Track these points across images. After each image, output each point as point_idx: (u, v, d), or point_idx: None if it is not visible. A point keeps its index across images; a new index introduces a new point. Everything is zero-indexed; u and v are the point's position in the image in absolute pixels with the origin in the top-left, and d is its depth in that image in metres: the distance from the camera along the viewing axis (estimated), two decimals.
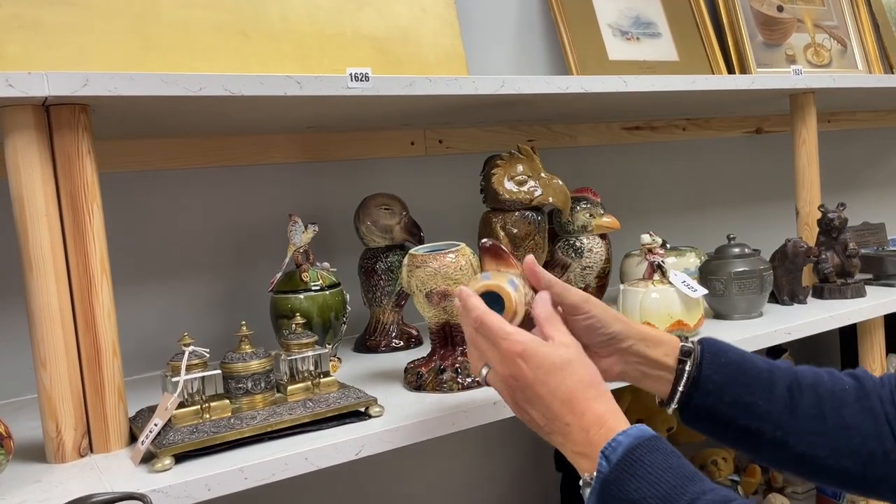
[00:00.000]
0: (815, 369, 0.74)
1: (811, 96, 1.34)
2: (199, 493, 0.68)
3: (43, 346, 0.73)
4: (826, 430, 0.70)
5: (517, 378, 0.64)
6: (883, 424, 0.69)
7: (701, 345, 0.74)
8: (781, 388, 0.71)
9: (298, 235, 1.02)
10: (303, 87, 0.82)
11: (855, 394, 0.71)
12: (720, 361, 0.72)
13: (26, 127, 0.72)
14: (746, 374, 0.72)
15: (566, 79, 1.02)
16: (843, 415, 0.70)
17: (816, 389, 0.71)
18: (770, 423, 0.70)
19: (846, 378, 0.73)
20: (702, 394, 0.72)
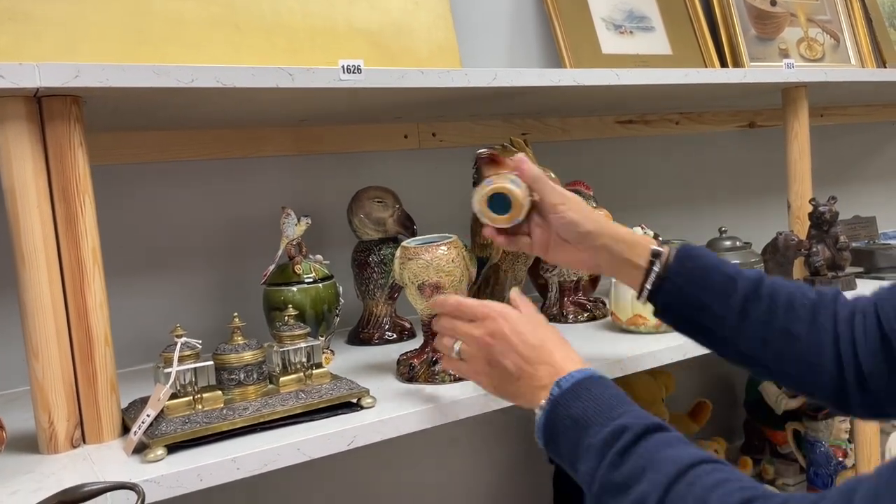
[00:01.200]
0: (784, 281, 0.79)
1: (803, 90, 1.34)
2: (191, 483, 0.68)
3: (35, 338, 0.74)
4: (771, 336, 0.75)
5: (494, 333, 0.74)
6: (829, 339, 0.73)
7: (676, 249, 0.80)
8: (739, 296, 0.76)
9: (291, 228, 1.02)
10: (295, 78, 0.82)
11: (811, 308, 0.75)
12: (686, 266, 0.79)
13: (18, 118, 0.72)
14: (708, 279, 0.78)
15: (559, 71, 1.02)
16: (790, 324, 0.75)
17: (773, 298, 0.76)
18: (721, 325, 0.77)
19: (810, 293, 0.77)
20: (664, 293, 0.79)
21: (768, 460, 1.60)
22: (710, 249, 1.18)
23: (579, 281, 1.21)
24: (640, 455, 0.60)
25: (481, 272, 1.06)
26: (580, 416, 0.65)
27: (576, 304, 1.20)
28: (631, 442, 0.61)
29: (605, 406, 0.65)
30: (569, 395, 0.67)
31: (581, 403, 0.66)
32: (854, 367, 0.72)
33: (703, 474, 0.57)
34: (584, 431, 0.65)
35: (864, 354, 0.71)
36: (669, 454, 0.59)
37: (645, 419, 0.63)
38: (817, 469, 1.50)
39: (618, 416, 0.64)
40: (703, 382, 1.70)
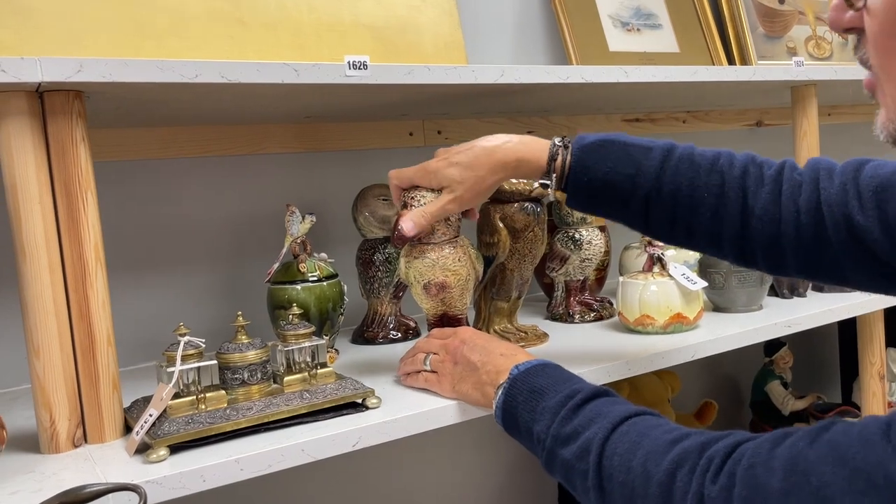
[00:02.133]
0: (694, 147, 0.83)
1: (813, 88, 1.33)
2: (194, 484, 0.67)
3: (36, 336, 0.73)
4: (691, 191, 0.78)
5: (465, 339, 0.82)
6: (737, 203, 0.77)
7: (571, 156, 0.80)
8: (638, 201, 0.78)
9: (296, 226, 1.01)
10: (300, 74, 0.81)
11: (717, 193, 0.78)
12: (583, 181, 0.80)
13: (19, 113, 0.71)
14: (610, 187, 0.79)
15: (566, 68, 1.01)
16: (710, 180, 0.79)
17: (692, 159, 0.80)
18: (640, 188, 0.78)
19: (722, 157, 0.81)
20: (573, 173, 0.80)
21: None
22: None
23: (585, 280, 1.20)
24: (590, 409, 0.66)
25: (487, 271, 1.05)
26: (538, 387, 0.71)
27: (582, 303, 1.18)
28: (584, 400, 0.67)
29: (561, 379, 0.72)
30: (527, 373, 0.73)
31: (538, 379, 0.72)
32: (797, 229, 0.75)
33: (642, 420, 0.63)
34: (540, 398, 0.70)
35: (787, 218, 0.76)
36: (617, 408, 0.66)
37: (596, 387, 0.69)
38: None
39: (573, 384, 0.70)
40: (709, 383, 1.69)
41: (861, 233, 0.71)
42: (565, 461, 0.66)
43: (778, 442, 0.53)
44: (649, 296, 1.04)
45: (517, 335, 1.04)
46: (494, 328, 1.05)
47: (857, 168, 0.75)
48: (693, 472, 0.56)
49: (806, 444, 0.51)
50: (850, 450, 0.48)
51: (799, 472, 0.50)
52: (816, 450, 0.50)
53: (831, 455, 0.49)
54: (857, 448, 0.48)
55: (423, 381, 0.85)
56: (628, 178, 0.78)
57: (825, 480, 0.48)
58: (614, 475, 0.61)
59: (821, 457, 0.49)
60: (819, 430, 0.52)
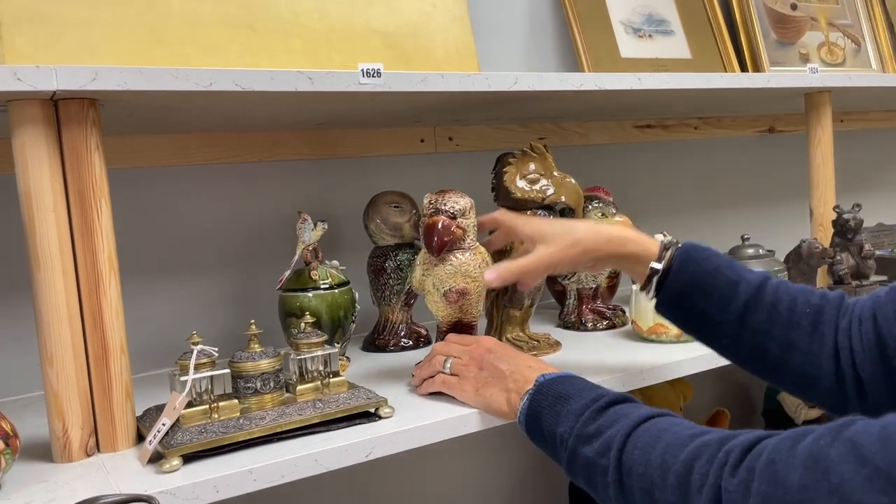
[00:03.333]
0: (789, 286, 0.78)
1: (827, 95, 1.32)
2: (208, 494, 0.66)
3: (50, 344, 0.72)
4: (769, 346, 0.75)
5: (492, 348, 0.84)
6: (829, 351, 0.73)
7: (676, 251, 0.80)
8: (739, 302, 0.76)
9: (308, 233, 1.01)
10: (314, 82, 0.81)
11: (812, 317, 0.74)
12: (688, 270, 0.79)
13: (34, 121, 0.71)
14: (709, 285, 0.78)
15: (580, 76, 1.01)
16: (790, 335, 0.74)
17: (776, 306, 0.75)
18: (720, 332, 0.78)
19: (814, 299, 0.76)
20: (667, 294, 0.80)
21: None
22: (735, 256, 1.17)
23: (598, 288, 1.19)
24: (614, 411, 0.67)
25: None
26: (563, 393, 0.72)
27: (594, 311, 1.18)
28: (608, 403, 0.68)
29: (587, 387, 0.73)
30: (553, 381, 0.74)
31: (564, 386, 0.73)
32: (853, 377, 0.72)
33: (664, 419, 0.64)
34: (565, 402, 0.71)
35: (861, 363, 0.71)
36: (641, 410, 0.66)
37: (623, 392, 0.71)
38: None
39: (598, 390, 0.72)
40: (721, 391, 1.68)
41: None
42: (587, 459, 0.66)
43: (799, 439, 0.53)
44: None
45: (529, 343, 1.04)
46: (507, 336, 1.04)
47: None
48: (711, 463, 0.56)
49: (827, 442, 0.50)
50: (870, 448, 0.48)
51: (819, 469, 0.49)
52: (837, 448, 0.49)
53: (852, 453, 0.48)
54: (878, 447, 0.47)
55: (441, 383, 0.84)
56: (730, 282, 0.78)
57: (845, 478, 0.48)
58: (633, 469, 0.62)
59: (841, 455, 0.49)
60: (840, 428, 0.51)
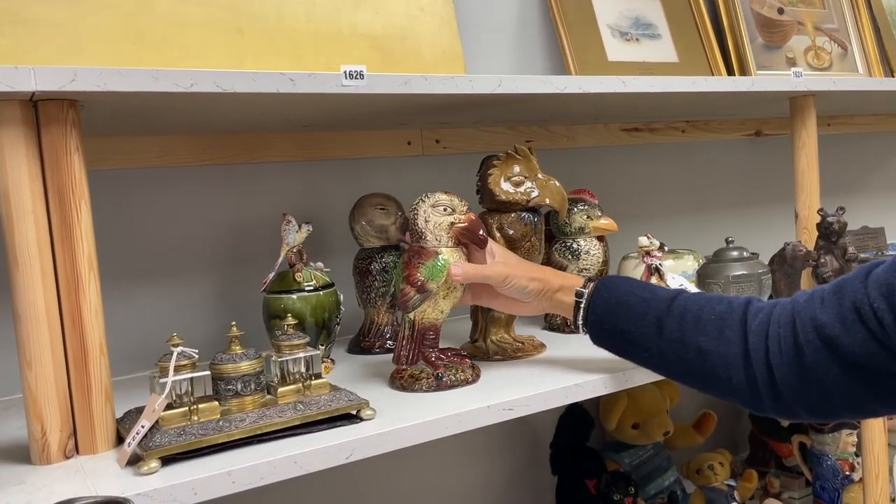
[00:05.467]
0: (698, 295, 0.85)
1: (811, 99, 1.33)
2: (186, 496, 0.66)
3: (28, 346, 0.72)
4: (684, 353, 0.81)
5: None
6: (736, 352, 0.78)
7: (596, 284, 0.90)
8: (651, 316, 0.83)
9: (292, 235, 1.01)
10: (296, 84, 0.81)
11: (718, 322, 0.80)
12: (603, 297, 0.88)
13: (13, 122, 0.71)
14: (623, 306, 0.86)
15: (564, 79, 1.01)
16: (698, 341, 0.80)
17: (684, 316, 0.82)
18: (640, 347, 0.85)
19: (719, 306, 0.82)
20: (591, 325, 0.89)
21: (774, 473, 1.58)
22: (719, 258, 1.18)
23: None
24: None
25: None
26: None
27: None
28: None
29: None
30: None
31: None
32: (767, 379, 0.76)
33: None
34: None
35: (777, 365, 0.75)
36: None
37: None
38: (823, 483, 1.48)
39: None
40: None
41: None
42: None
43: None
44: None
45: (514, 345, 1.04)
46: (491, 338, 1.04)
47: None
48: None
49: None
50: None
51: None
52: None
53: None
54: None
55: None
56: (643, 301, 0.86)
57: None
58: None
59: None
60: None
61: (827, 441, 1.47)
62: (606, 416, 1.38)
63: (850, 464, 1.46)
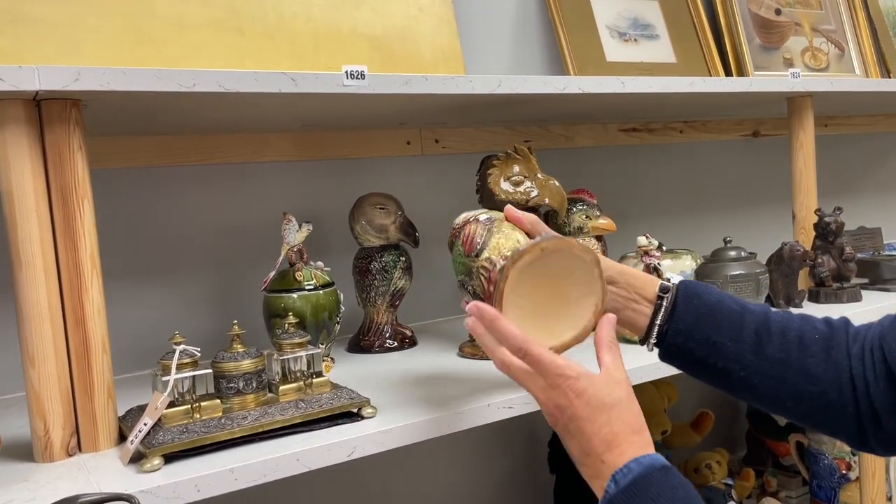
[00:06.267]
0: (790, 315, 0.76)
1: (809, 100, 1.33)
2: (189, 493, 0.67)
3: (31, 344, 0.72)
4: (788, 374, 0.72)
5: (563, 409, 0.66)
6: (846, 379, 0.71)
7: (678, 286, 0.77)
8: (750, 330, 0.73)
9: (292, 234, 1.01)
10: (298, 84, 0.81)
11: (823, 343, 0.73)
12: (693, 303, 0.75)
13: (17, 121, 0.71)
14: (716, 315, 0.74)
15: (563, 79, 1.01)
16: (807, 363, 0.72)
17: (785, 335, 0.73)
18: (736, 363, 0.73)
19: (820, 326, 0.74)
20: (673, 332, 0.75)
21: (771, 472, 1.59)
22: (717, 258, 1.18)
23: None
24: None
25: None
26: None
27: None
28: None
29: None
30: (627, 495, 0.61)
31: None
32: (868, 406, 0.70)
33: None
34: None
35: (875, 392, 0.69)
36: None
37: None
38: (820, 482, 1.49)
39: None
40: (706, 393, 1.69)
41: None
42: None
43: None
44: None
45: None
46: None
47: None
48: None
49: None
50: None
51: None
52: None
53: None
54: None
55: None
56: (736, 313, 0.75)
57: None
58: None
59: None
60: None
61: (824, 440, 1.48)
62: None
63: (847, 463, 1.46)
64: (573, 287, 0.72)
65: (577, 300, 0.73)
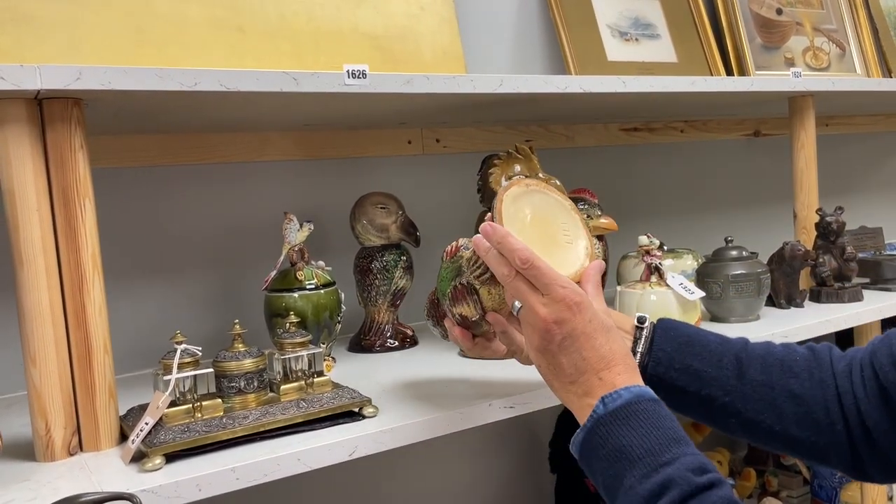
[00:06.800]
0: (769, 342, 0.77)
1: (810, 99, 1.33)
2: (190, 493, 0.67)
3: (33, 343, 0.72)
4: (773, 396, 0.72)
5: (563, 323, 0.65)
6: (832, 396, 0.71)
7: (654, 322, 0.77)
8: (730, 356, 0.74)
9: (293, 233, 1.01)
10: (299, 83, 0.81)
11: (805, 364, 0.73)
12: (670, 334, 0.75)
13: (18, 120, 0.71)
14: (695, 344, 0.75)
15: (565, 78, 1.01)
16: (790, 384, 0.72)
17: (765, 359, 0.73)
18: (719, 389, 0.73)
19: (800, 350, 0.74)
20: (654, 363, 0.74)
21: (772, 472, 1.59)
22: (718, 258, 1.18)
23: None
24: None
25: None
26: (626, 448, 0.60)
27: None
28: (676, 502, 0.57)
29: (655, 444, 0.60)
30: (615, 417, 0.62)
31: (628, 433, 0.61)
32: (858, 423, 0.69)
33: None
34: (628, 468, 0.60)
35: (866, 410, 0.69)
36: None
37: (696, 475, 0.58)
38: (821, 481, 1.49)
39: (668, 462, 0.59)
40: None
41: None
42: None
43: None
44: (647, 305, 1.03)
45: None
46: None
47: None
48: None
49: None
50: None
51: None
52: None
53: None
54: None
55: (514, 341, 0.74)
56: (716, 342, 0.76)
57: None
58: None
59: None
60: None
61: None
62: None
63: None
64: (560, 232, 0.75)
65: (567, 244, 0.75)
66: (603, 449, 0.62)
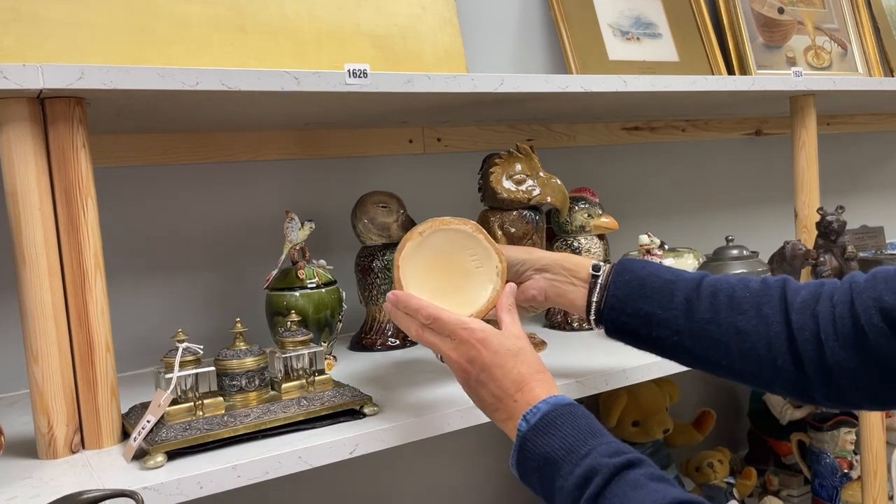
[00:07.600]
0: (727, 276, 0.78)
1: (811, 99, 1.33)
2: (192, 490, 0.67)
3: (35, 341, 0.73)
4: (720, 334, 0.74)
5: (473, 361, 0.71)
6: (777, 332, 0.72)
7: (614, 264, 0.81)
8: (680, 297, 0.76)
9: (295, 232, 1.01)
10: (300, 82, 0.82)
11: (754, 300, 0.74)
12: (624, 278, 0.79)
13: (21, 120, 0.71)
14: (646, 287, 0.78)
15: (566, 78, 1.01)
16: (736, 320, 0.73)
17: (716, 296, 0.75)
18: (667, 330, 0.76)
19: (754, 284, 0.75)
20: (608, 308, 0.79)
21: (773, 471, 1.59)
22: (719, 257, 1.18)
23: None
24: (609, 501, 0.60)
25: None
26: (549, 454, 0.65)
27: None
28: (601, 487, 0.61)
29: (573, 441, 0.64)
30: (536, 430, 0.67)
31: (549, 440, 0.65)
32: (817, 360, 0.70)
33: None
34: (555, 471, 0.64)
35: (832, 347, 0.69)
36: (637, 498, 0.59)
37: (613, 458, 0.62)
38: (822, 480, 1.49)
39: (587, 454, 0.63)
40: (708, 392, 1.69)
41: None
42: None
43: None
44: None
45: None
46: None
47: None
48: None
49: None
50: None
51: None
52: None
53: None
54: None
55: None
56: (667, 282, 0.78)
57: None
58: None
59: None
60: None
61: (826, 439, 1.48)
62: (606, 413, 1.39)
63: (849, 461, 1.47)
64: (468, 259, 0.79)
65: (477, 269, 0.79)
66: (533, 461, 0.66)
